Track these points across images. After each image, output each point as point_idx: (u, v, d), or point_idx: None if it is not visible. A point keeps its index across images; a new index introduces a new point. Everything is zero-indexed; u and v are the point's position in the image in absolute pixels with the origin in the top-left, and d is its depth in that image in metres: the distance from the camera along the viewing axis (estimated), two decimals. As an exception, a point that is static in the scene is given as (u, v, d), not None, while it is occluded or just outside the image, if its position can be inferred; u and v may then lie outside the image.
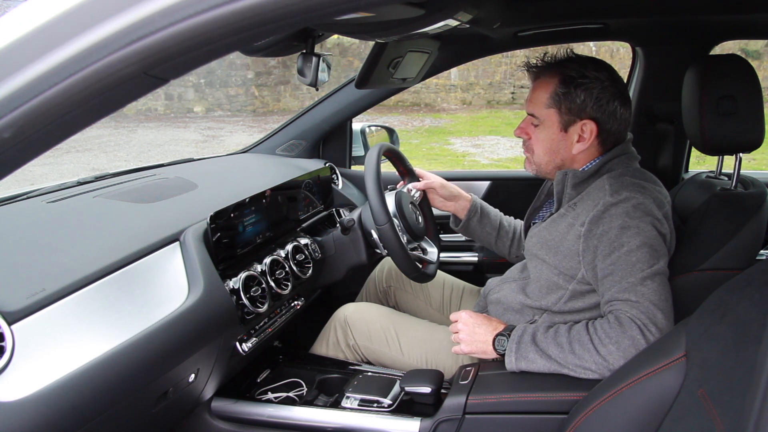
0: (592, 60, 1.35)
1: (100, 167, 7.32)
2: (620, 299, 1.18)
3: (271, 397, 1.43)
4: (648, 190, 1.26)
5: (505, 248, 1.75)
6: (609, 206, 1.23)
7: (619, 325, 1.16)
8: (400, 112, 10.83)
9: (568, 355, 1.19)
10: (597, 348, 1.16)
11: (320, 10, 0.56)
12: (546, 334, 1.23)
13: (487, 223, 1.73)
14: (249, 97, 11.29)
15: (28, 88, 0.55)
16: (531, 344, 1.23)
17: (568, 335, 1.21)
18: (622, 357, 1.14)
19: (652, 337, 1.13)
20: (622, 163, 1.33)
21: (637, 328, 1.14)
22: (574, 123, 1.33)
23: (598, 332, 1.18)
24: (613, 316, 1.18)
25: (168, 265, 1.22)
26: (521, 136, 1.43)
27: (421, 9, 0.99)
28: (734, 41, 5.51)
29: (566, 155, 1.37)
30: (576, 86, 1.30)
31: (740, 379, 0.75)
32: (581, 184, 1.34)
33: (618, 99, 1.32)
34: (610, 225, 1.21)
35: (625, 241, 1.19)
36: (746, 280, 0.89)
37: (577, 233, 1.27)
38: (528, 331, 1.26)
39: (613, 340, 1.15)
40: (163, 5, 0.53)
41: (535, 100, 1.36)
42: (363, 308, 1.65)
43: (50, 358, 0.92)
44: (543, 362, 1.21)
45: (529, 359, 1.22)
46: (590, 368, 1.17)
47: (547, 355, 1.21)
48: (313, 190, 1.82)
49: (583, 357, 1.17)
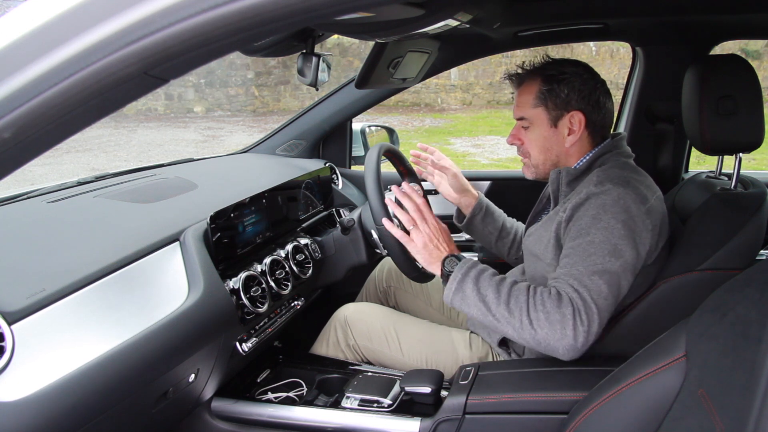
0: (569, 60, 1.40)
1: (100, 167, 7.32)
2: (566, 282, 1.20)
3: (271, 397, 1.43)
4: (631, 185, 1.25)
5: (504, 250, 1.76)
6: (590, 195, 1.24)
7: (558, 299, 1.17)
8: (400, 112, 10.83)
9: (501, 304, 1.20)
10: (529, 310, 1.18)
11: (320, 10, 0.56)
12: (491, 279, 1.24)
13: (489, 223, 1.74)
14: (249, 97, 11.29)
15: (28, 88, 0.55)
16: (474, 280, 1.24)
17: (509, 289, 1.22)
18: (547, 328, 1.15)
19: (580, 325, 1.14)
20: (613, 158, 1.35)
21: (572, 309, 1.15)
22: (562, 117, 1.37)
23: (536, 296, 1.19)
24: (556, 290, 1.19)
25: (168, 265, 1.22)
26: (514, 143, 1.46)
27: (421, 9, 0.99)
28: (734, 41, 5.50)
29: (560, 150, 1.39)
30: (558, 82, 1.35)
31: (740, 379, 0.75)
32: (575, 180, 1.36)
33: (599, 90, 1.36)
34: (585, 212, 1.23)
35: (591, 231, 1.21)
36: (746, 280, 0.89)
37: (559, 220, 1.29)
38: (477, 267, 1.27)
39: (545, 310, 1.16)
40: (163, 5, 0.53)
41: (522, 103, 1.40)
42: (363, 308, 1.65)
43: (50, 358, 0.92)
44: (475, 303, 1.22)
45: (465, 294, 1.24)
46: (513, 326, 1.18)
47: (482, 297, 1.22)
48: (313, 190, 1.82)
49: (513, 312, 1.19)
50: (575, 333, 1.15)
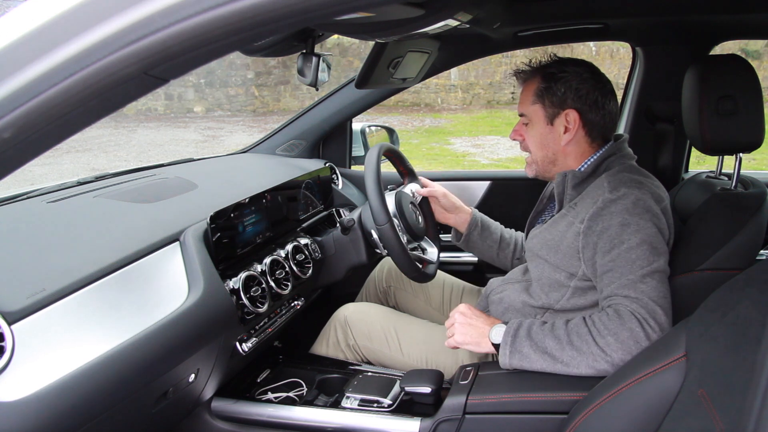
0: (573, 59, 1.42)
1: (100, 167, 7.32)
2: (620, 295, 1.18)
3: (271, 397, 1.43)
4: (645, 186, 1.27)
5: (507, 260, 1.75)
6: (608, 203, 1.24)
7: (618, 317, 1.15)
8: (400, 112, 10.83)
9: (565, 347, 1.17)
10: (595, 339, 1.16)
11: (320, 10, 0.56)
12: (542, 328, 1.23)
13: (488, 236, 1.73)
14: (249, 97, 11.29)
15: (28, 88, 0.55)
16: (526, 338, 1.22)
17: (565, 328, 1.20)
18: (621, 349, 1.13)
19: (651, 332, 1.13)
20: (618, 161, 1.35)
21: (637, 321, 1.14)
22: (558, 115, 1.38)
23: (596, 324, 1.17)
24: (612, 309, 1.17)
25: (168, 265, 1.22)
26: (516, 138, 1.48)
27: (421, 9, 0.99)
28: (734, 41, 5.50)
29: (556, 148, 1.40)
30: (556, 80, 1.37)
31: (740, 379, 0.75)
32: (581, 184, 1.36)
33: (598, 90, 1.37)
34: (610, 222, 1.22)
35: (625, 238, 1.20)
36: (746, 280, 0.89)
37: (576, 230, 1.28)
38: (524, 324, 1.25)
39: (611, 332, 1.14)
40: (163, 5, 0.53)
41: (523, 100, 1.44)
42: (363, 308, 1.65)
43: (50, 358, 0.92)
44: (538, 357, 1.20)
45: (524, 354, 1.21)
46: (587, 361, 1.15)
47: (542, 348, 1.19)
48: (313, 190, 1.82)
49: (581, 349, 1.16)
50: (649, 340, 1.13)
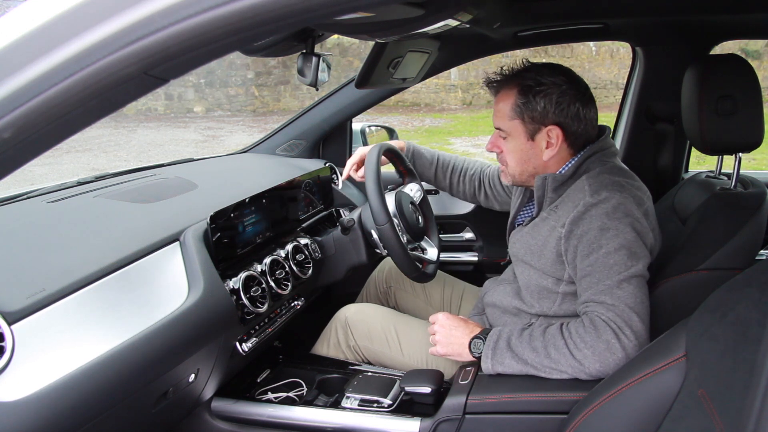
0: (547, 66, 1.35)
1: (100, 167, 7.32)
2: (596, 301, 1.19)
3: (271, 397, 1.43)
4: (627, 188, 1.25)
5: (446, 181, 1.80)
6: (589, 207, 1.23)
7: (594, 328, 1.16)
8: (400, 112, 10.82)
9: (543, 360, 1.20)
10: (572, 352, 1.17)
11: (320, 10, 0.56)
12: (521, 338, 1.24)
13: (419, 158, 1.79)
14: (249, 97, 11.29)
15: (28, 88, 0.55)
16: (507, 350, 1.24)
17: (543, 339, 1.22)
18: (597, 361, 1.15)
19: (627, 341, 1.14)
20: (598, 161, 1.32)
21: (612, 332, 1.15)
22: (539, 131, 1.33)
23: (573, 336, 1.18)
24: (588, 318, 1.18)
25: (168, 265, 1.22)
26: (493, 151, 1.43)
27: (421, 9, 0.99)
28: (734, 41, 5.51)
29: (538, 163, 1.36)
30: (534, 94, 1.30)
31: (740, 379, 0.75)
32: (561, 186, 1.33)
33: (579, 101, 1.31)
34: (589, 226, 1.21)
35: (603, 242, 1.19)
36: (746, 280, 0.89)
37: (558, 235, 1.27)
38: (503, 335, 1.26)
39: (588, 345, 1.16)
40: (163, 5, 0.53)
41: (499, 113, 1.37)
42: (364, 309, 1.65)
43: (50, 358, 0.92)
44: (519, 367, 1.23)
45: (505, 365, 1.23)
46: (566, 371, 1.18)
47: (522, 359, 1.22)
48: (313, 190, 1.82)
49: (558, 361, 1.18)
50: (625, 351, 1.14)
